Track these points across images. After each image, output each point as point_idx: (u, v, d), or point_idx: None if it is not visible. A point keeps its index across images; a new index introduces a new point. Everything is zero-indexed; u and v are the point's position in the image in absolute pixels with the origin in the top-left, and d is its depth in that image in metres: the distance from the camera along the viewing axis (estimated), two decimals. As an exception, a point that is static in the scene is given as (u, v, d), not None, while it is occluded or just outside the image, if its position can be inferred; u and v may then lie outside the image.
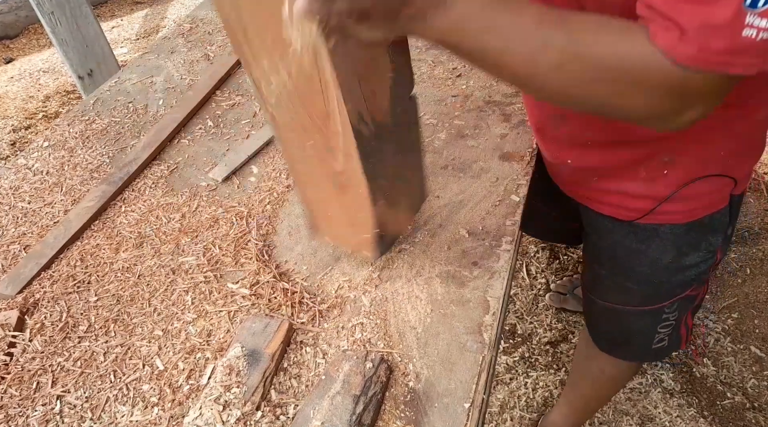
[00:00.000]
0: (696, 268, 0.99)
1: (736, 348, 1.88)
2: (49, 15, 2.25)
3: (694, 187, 0.85)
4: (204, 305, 0.85)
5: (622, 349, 1.22)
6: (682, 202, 0.88)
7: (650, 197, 0.88)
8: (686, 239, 0.93)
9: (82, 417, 0.73)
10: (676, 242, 0.94)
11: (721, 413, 1.73)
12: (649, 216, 0.91)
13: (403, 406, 0.69)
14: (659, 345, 1.14)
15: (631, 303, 1.08)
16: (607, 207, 0.96)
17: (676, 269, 0.98)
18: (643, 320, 1.10)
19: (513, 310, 2.05)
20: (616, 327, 1.18)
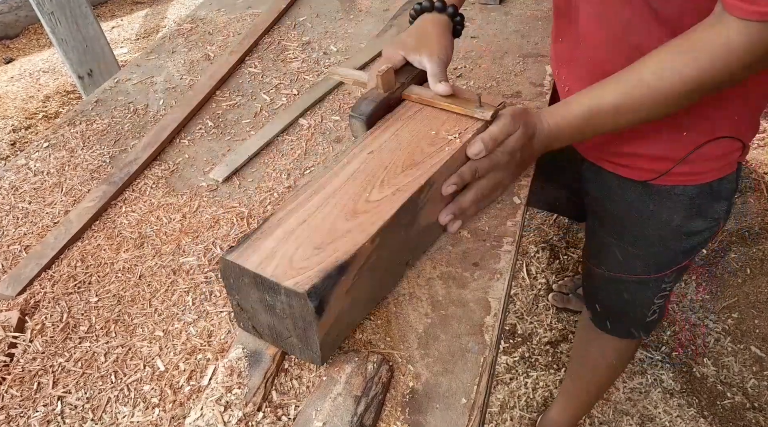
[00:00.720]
0: (700, 235, 1.03)
1: (737, 348, 1.88)
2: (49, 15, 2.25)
3: (707, 149, 0.91)
4: (205, 305, 0.85)
5: (618, 323, 1.26)
6: (696, 164, 0.94)
7: (667, 158, 0.95)
8: (696, 202, 0.98)
9: (84, 418, 0.73)
10: (686, 205, 0.99)
11: (721, 413, 1.73)
12: (665, 177, 0.97)
13: (404, 407, 0.69)
14: (652, 317, 1.19)
15: (635, 272, 1.12)
16: (623, 169, 1.01)
17: (683, 234, 1.03)
18: (643, 290, 1.14)
19: (513, 310, 2.05)
20: (615, 298, 1.22)
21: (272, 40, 1.50)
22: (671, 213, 1.00)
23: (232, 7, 1.69)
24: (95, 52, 2.45)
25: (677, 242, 1.04)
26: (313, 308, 0.63)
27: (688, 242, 1.04)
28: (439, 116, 0.88)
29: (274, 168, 1.09)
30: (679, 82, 0.72)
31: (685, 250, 1.06)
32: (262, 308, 0.69)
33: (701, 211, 1.00)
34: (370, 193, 0.75)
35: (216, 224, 0.98)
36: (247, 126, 1.21)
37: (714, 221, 1.02)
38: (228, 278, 0.69)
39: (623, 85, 0.77)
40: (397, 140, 0.84)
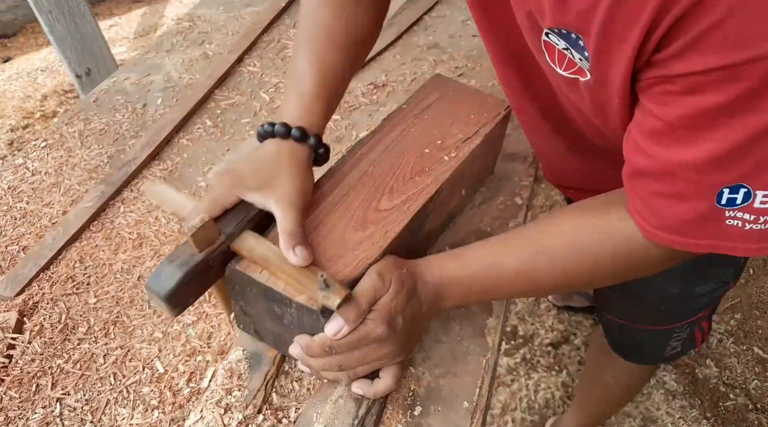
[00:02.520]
0: (707, 296, 0.98)
1: (739, 349, 1.87)
2: (46, 13, 2.24)
3: None
4: (204, 307, 0.84)
5: (634, 355, 1.22)
6: None
7: None
8: (693, 272, 0.93)
9: (83, 420, 0.72)
10: (682, 276, 0.94)
11: (723, 414, 1.72)
12: None
13: (405, 409, 0.68)
14: (672, 352, 1.14)
15: (641, 322, 1.08)
16: None
17: (686, 297, 0.98)
18: (653, 337, 1.10)
19: (514, 311, 2.04)
20: (626, 338, 1.18)
21: (271, 38, 1.49)
22: (667, 283, 0.96)
23: (230, 5, 1.67)
24: (93, 50, 2.43)
25: (681, 303, 1.01)
26: (324, 323, 0.61)
27: (695, 302, 1.00)
28: (448, 116, 0.84)
29: (274, 168, 1.08)
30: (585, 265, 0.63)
31: (693, 309, 1.02)
32: (269, 316, 0.67)
33: (703, 277, 0.95)
34: (379, 201, 0.72)
35: (215, 224, 0.97)
36: (247, 125, 1.20)
37: (721, 283, 0.97)
38: (234, 286, 0.67)
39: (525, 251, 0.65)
40: (405, 142, 0.80)
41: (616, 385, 1.36)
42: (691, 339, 1.13)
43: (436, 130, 0.82)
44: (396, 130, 0.82)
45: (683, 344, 1.13)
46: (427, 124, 0.83)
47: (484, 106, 0.86)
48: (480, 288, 0.66)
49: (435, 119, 0.84)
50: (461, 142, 0.80)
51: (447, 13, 1.50)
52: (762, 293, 2.01)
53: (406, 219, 0.70)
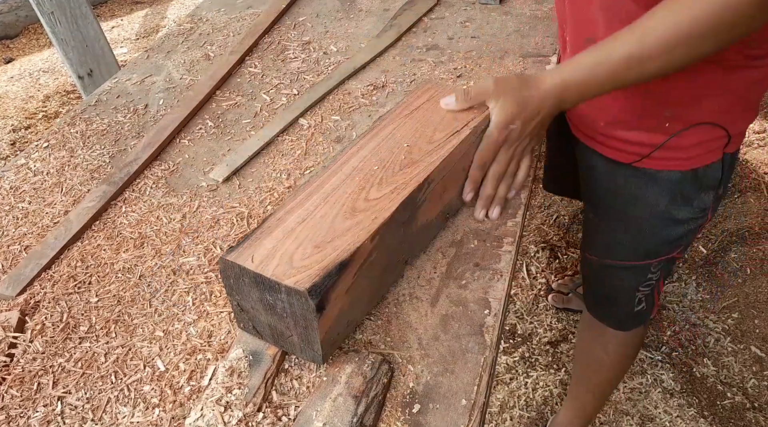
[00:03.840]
0: (686, 225, 1.05)
1: (737, 348, 1.88)
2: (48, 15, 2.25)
3: (688, 134, 0.94)
4: (205, 305, 0.85)
5: (607, 311, 1.30)
6: (677, 150, 0.96)
7: (648, 145, 0.97)
8: (681, 188, 1.00)
9: (84, 418, 0.73)
10: (671, 190, 1.01)
11: (721, 413, 1.73)
12: (647, 160, 0.99)
13: (404, 407, 0.69)
14: (639, 307, 1.21)
15: (620, 257, 1.15)
16: (609, 150, 1.03)
17: (669, 221, 1.05)
18: (628, 277, 1.17)
19: (513, 310, 2.05)
20: (602, 285, 1.26)
21: (272, 39, 1.50)
22: (656, 197, 1.03)
23: (232, 6, 1.68)
24: (95, 52, 2.45)
25: (663, 228, 1.06)
26: (314, 306, 0.63)
27: (674, 231, 1.07)
28: (436, 114, 0.89)
29: (274, 168, 1.09)
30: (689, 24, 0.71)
31: (671, 239, 1.08)
32: (263, 307, 0.69)
33: (686, 199, 1.02)
34: (368, 191, 0.75)
35: (216, 224, 0.98)
36: (247, 126, 1.21)
37: (701, 212, 1.04)
38: (228, 279, 0.69)
39: (633, 34, 0.76)
40: (394, 139, 0.84)
41: (607, 358, 1.39)
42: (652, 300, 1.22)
43: (425, 128, 0.86)
44: (386, 130, 0.86)
45: (647, 303, 1.21)
46: (416, 122, 0.87)
47: None
48: (595, 82, 0.80)
49: (424, 118, 0.88)
50: (450, 135, 0.84)
51: (446, 15, 1.51)
52: (759, 293, 2.01)
53: (394, 206, 0.72)
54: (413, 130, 0.86)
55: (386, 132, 0.85)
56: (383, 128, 0.86)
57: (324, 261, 0.66)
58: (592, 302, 1.33)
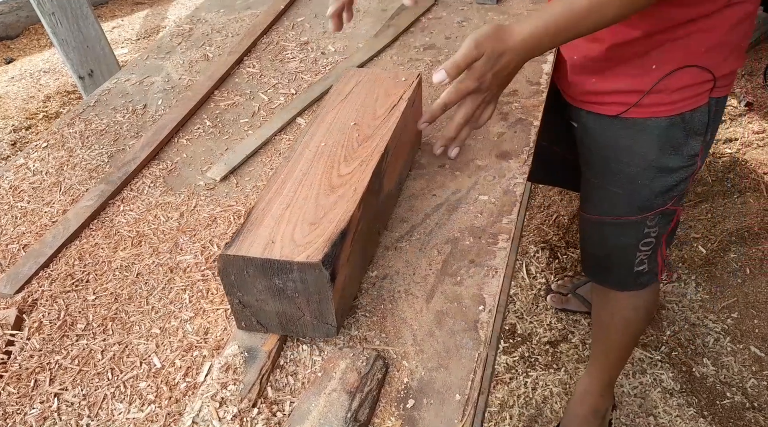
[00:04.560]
0: (676, 174, 1.08)
1: (736, 348, 1.88)
2: (49, 15, 2.26)
3: (674, 78, 0.98)
4: (201, 303, 0.85)
5: (607, 272, 1.33)
6: (664, 94, 1.00)
7: (637, 91, 1.01)
8: (669, 135, 1.04)
9: (80, 415, 0.74)
10: (660, 137, 1.05)
11: (720, 412, 1.73)
12: (635, 109, 1.03)
13: (398, 402, 0.69)
14: (640, 268, 1.24)
15: (616, 212, 1.18)
16: (597, 106, 1.08)
17: (660, 171, 1.08)
18: (625, 233, 1.20)
19: (513, 310, 2.05)
20: (600, 244, 1.29)
21: (270, 40, 1.51)
22: (646, 147, 1.06)
23: (231, 7, 1.69)
24: (96, 52, 2.45)
25: (654, 178, 1.09)
26: (328, 276, 0.66)
27: (665, 180, 1.09)
28: (370, 94, 0.96)
29: (272, 167, 1.09)
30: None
31: (663, 189, 1.11)
32: (270, 295, 0.71)
33: (675, 147, 1.05)
34: (338, 168, 0.81)
35: (213, 223, 0.98)
36: (245, 125, 1.21)
37: (690, 159, 1.06)
38: (229, 276, 0.70)
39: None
40: (340, 121, 0.90)
41: (615, 320, 1.42)
42: (655, 262, 1.23)
43: (365, 107, 0.93)
44: (329, 116, 0.92)
45: (649, 264, 1.23)
46: (354, 104, 0.94)
47: (398, 79, 0.99)
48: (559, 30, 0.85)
49: (360, 99, 0.95)
50: (391, 109, 0.91)
51: (443, 15, 1.51)
52: (758, 293, 2.01)
53: (367, 176, 0.78)
54: (355, 111, 0.92)
55: (330, 118, 0.92)
56: (325, 116, 0.92)
57: (325, 234, 0.69)
58: (591, 265, 1.36)
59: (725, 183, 2.41)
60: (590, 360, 1.66)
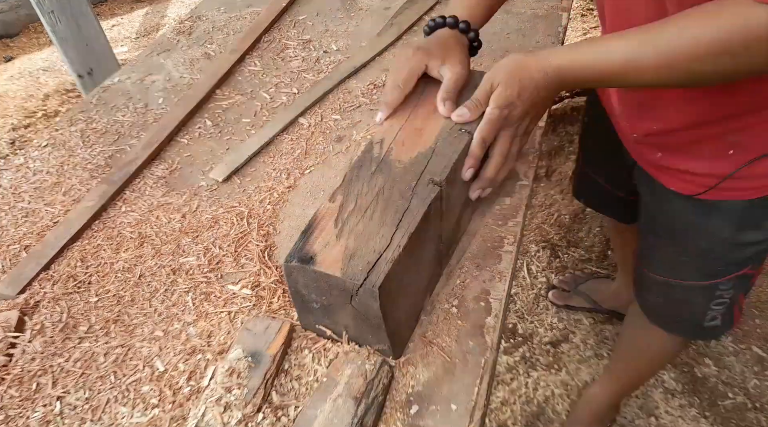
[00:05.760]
0: (755, 246, 0.99)
1: (738, 348, 1.88)
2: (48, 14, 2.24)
3: (758, 165, 0.87)
4: (205, 305, 0.85)
5: (672, 323, 1.23)
6: (746, 181, 0.90)
7: (714, 175, 0.91)
8: (747, 215, 0.95)
9: (83, 418, 0.73)
10: (736, 219, 0.95)
11: (722, 413, 1.72)
12: (712, 192, 0.93)
13: (404, 409, 0.69)
14: (711, 323, 1.14)
15: (685, 278, 1.09)
16: (669, 180, 0.99)
17: (734, 246, 0.99)
18: (695, 296, 1.10)
19: (513, 309, 2.05)
20: (666, 301, 1.18)
21: (272, 38, 1.50)
22: (720, 227, 0.97)
23: (232, 5, 1.68)
24: (95, 50, 2.44)
25: (728, 252, 1.01)
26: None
27: (742, 253, 1.01)
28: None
29: (274, 167, 1.08)
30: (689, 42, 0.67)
31: (738, 261, 1.02)
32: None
33: (755, 224, 0.96)
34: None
35: (216, 224, 0.98)
36: (247, 125, 1.20)
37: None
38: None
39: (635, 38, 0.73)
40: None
41: (649, 351, 1.37)
42: (730, 315, 1.13)
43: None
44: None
45: (723, 318, 1.13)
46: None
47: None
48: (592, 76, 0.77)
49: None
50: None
51: (447, 13, 1.50)
52: (760, 293, 2.01)
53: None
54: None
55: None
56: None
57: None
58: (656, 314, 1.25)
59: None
60: (606, 371, 1.64)
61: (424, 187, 0.74)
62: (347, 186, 0.76)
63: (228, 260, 0.91)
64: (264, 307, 0.82)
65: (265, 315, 0.81)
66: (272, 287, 0.85)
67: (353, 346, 0.74)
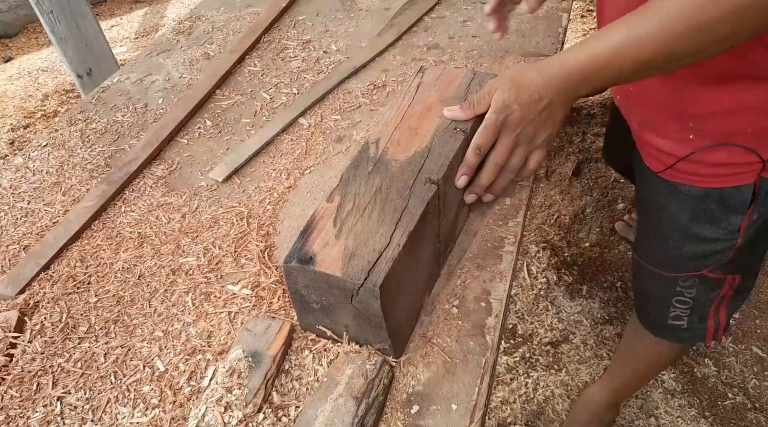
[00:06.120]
0: (713, 244, 1.01)
1: (738, 348, 1.88)
2: (48, 14, 2.24)
3: (713, 152, 0.90)
4: (204, 306, 0.84)
5: (645, 312, 1.28)
6: (699, 166, 0.93)
7: (673, 154, 0.95)
8: (702, 206, 0.97)
9: (83, 418, 0.73)
10: (691, 205, 0.98)
11: (722, 413, 1.72)
12: (670, 171, 0.97)
13: (405, 409, 0.69)
14: (675, 323, 1.17)
15: (650, 261, 1.14)
16: (644, 154, 1.03)
17: (690, 237, 1.02)
18: (658, 285, 1.15)
19: (514, 310, 2.05)
20: (638, 285, 1.25)
21: (272, 38, 1.50)
22: (677, 210, 1.00)
23: (231, 5, 1.68)
24: (94, 51, 2.44)
25: (686, 242, 1.03)
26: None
27: (698, 248, 1.02)
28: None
29: (274, 168, 1.08)
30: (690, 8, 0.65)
31: (696, 255, 1.04)
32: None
33: (711, 218, 0.97)
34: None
35: (215, 224, 0.97)
36: (247, 125, 1.20)
37: (729, 234, 0.99)
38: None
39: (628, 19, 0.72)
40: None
41: (645, 356, 1.40)
42: (700, 324, 1.15)
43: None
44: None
45: (690, 322, 1.15)
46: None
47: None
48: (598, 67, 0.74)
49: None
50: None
51: (447, 14, 1.51)
52: (760, 293, 2.01)
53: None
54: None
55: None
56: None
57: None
58: (635, 298, 1.33)
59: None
60: (606, 372, 1.65)
61: (422, 186, 0.74)
62: (344, 186, 0.76)
63: (228, 261, 0.91)
64: (264, 307, 0.82)
65: (266, 315, 0.81)
66: (272, 288, 0.85)
67: (353, 346, 0.74)
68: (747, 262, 1.07)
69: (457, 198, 0.85)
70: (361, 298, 0.65)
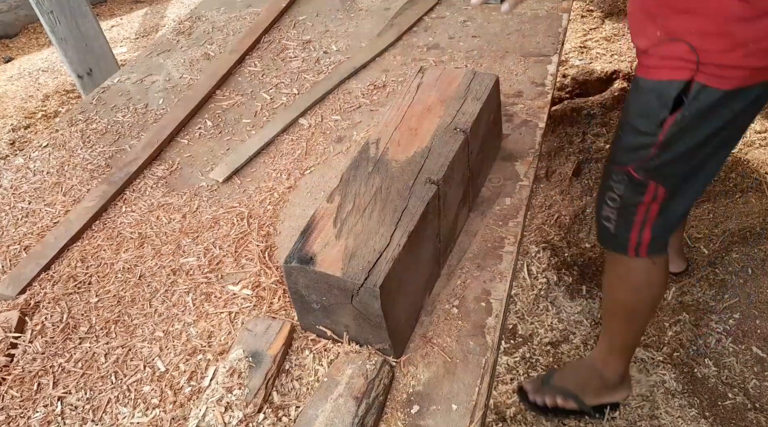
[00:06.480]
0: (642, 137, 1.09)
1: (738, 349, 1.87)
2: (48, 14, 2.24)
3: (667, 46, 1.01)
4: (205, 306, 0.85)
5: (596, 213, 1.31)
6: (655, 58, 1.03)
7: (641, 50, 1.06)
8: (647, 98, 1.06)
9: (84, 418, 0.73)
10: (641, 98, 1.08)
11: (722, 413, 1.72)
12: (638, 66, 1.08)
13: (405, 408, 0.69)
14: (607, 224, 1.23)
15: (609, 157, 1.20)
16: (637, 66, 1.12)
17: (630, 129, 1.11)
18: (602, 178, 1.22)
19: (514, 310, 2.05)
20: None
21: (272, 38, 1.50)
22: (632, 102, 1.10)
23: (231, 5, 1.68)
24: (95, 51, 2.44)
25: (626, 134, 1.12)
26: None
27: (631, 140, 1.11)
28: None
29: (275, 168, 1.08)
30: None
31: (628, 148, 1.12)
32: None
33: (648, 111, 1.07)
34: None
35: (216, 224, 0.98)
36: (247, 126, 1.20)
37: (654, 127, 1.07)
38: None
39: None
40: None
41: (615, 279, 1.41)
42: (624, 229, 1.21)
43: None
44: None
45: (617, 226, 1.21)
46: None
47: None
48: None
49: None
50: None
51: (447, 14, 1.51)
52: (760, 293, 2.01)
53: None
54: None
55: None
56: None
57: None
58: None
59: (727, 183, 2.41)
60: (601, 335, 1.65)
61: (422, 186, 0.74)
62: (345, 186, 0.76)
63: (228, 261, 0.91)
64: (264, 307, 0.82)
65: (266, 316, 0.81)
66: (273, 288, 0.85)
67: (354, 346, 0.74)
68: (668, 171, 1.13)
69: (457, 198, 0.85)
70: (361, 298, 0.65)
